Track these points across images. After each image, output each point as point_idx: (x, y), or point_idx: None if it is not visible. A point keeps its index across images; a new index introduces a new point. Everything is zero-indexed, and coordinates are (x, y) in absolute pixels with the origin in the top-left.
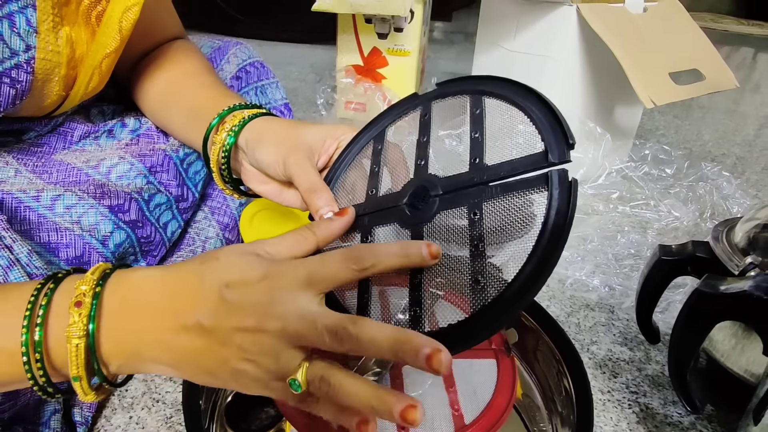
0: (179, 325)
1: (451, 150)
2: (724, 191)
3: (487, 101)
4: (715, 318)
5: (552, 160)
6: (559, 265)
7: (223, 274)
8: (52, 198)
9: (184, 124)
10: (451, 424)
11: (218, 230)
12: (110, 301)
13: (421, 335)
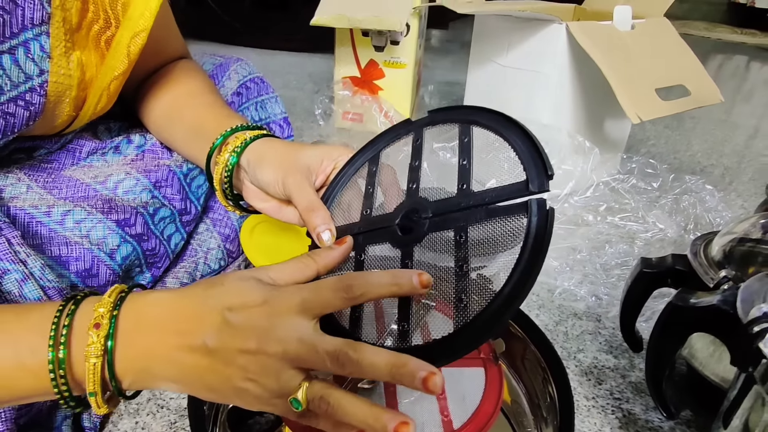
0: (186, 344)
1: (441, 177)
2: (707, 204)
3: (474, 130)
4: (687, 330)
5: (532, 189)
6: (549, 275)
7: (225, 298)
8: (62, 213)
9: (187, 141)
10: (440, 429)
11: (219, 241)
12: (125, 323)
13: (416, 360)
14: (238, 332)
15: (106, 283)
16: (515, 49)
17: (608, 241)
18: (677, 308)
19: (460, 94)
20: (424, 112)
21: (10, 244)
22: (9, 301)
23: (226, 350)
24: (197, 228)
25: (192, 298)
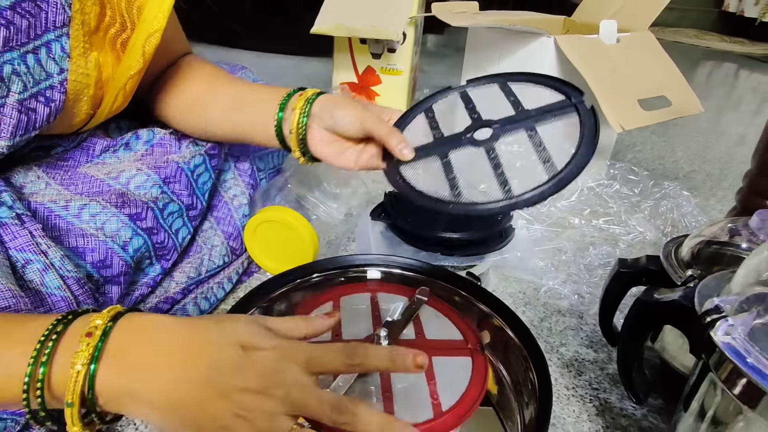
0: (185, 374)
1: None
2: (683, 209)
3: (509, 84)
4: (652, 323)
5: (574, 101)
6: (535, 274)
7: (238, 334)
8: (79, 207)
9: (230, 115)
10: (430, 411)
11: (223, 239)
12: (118, 338)
13: (402, 422)
14: (245, 369)
15: (119, 274)
16: (506, 60)
17: (592, 243)
18: (644, 303)
19: (454, 81)
20: None
21: (33, 236)
22: (31, 290)
23: (226, 384)
24: (202, 226)
25: (201, 329)
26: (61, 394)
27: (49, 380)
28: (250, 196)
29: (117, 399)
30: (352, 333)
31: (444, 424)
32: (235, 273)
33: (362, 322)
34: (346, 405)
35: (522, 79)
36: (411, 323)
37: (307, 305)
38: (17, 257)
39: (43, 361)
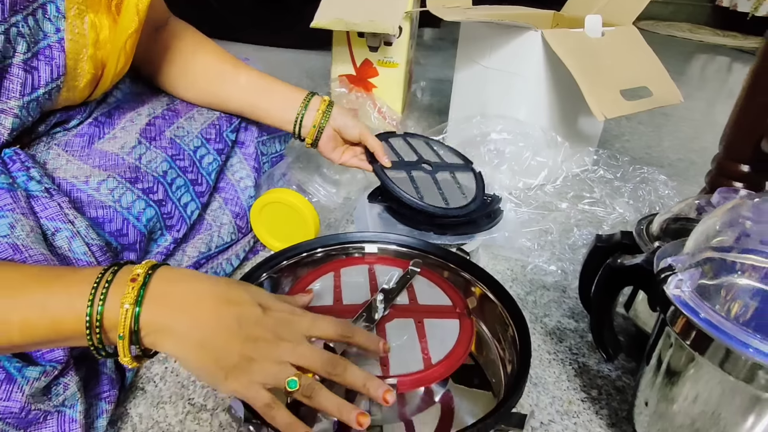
0: (215, 317)
1: None
2: (660, 192)
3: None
4: (619, 284)
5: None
6: (521, 252)
7: (258, 295)
8: (98, 182)
9: (251, 99)
10: (421, 364)
11: (231, 218)
12: (157, 284)
13: (380, 381)
14: (263, 323)
15: (135, 242)
16: (496, 52)
17: (577, 225)
18: (611, 267)
19: (449, 92)
20: (416, 107)
21: (61, 207)
22: (60, 255)
23: (248, 332)
24: (210, 205)
25: (230, 286)
26: (111, 329)
27: (104, 318)
28: (255, 179)
29: (155, 333)
30: (351, 298)
31: (433, 374)
32: (242, 250)
33: (361, 289)
34: (339, 361)
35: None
36: (405, 291)
37: (310, 276)
38: (48, 226)
39: (100, 301)
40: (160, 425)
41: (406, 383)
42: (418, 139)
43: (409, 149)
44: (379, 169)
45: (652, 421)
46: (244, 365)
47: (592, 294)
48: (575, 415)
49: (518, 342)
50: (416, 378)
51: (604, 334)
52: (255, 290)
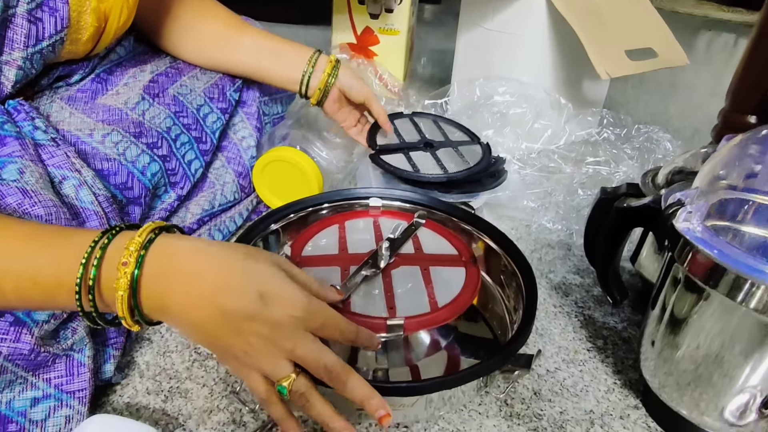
0: (209, 300)
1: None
2: (665, 150)
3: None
4: (627, 227)
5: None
6: (525, 212)
7: (261, 279)
8: (102, 135)
9: (258, 60)
10: (428, 307)
11: (234, 177)
12: (151, 263)
13: (381, 399)
14: (260, 319)
15: (140, 196)
16: (500, 14)
17: (581, 186)
18: (618, 210)
19: (450, 61)
20: (417, 77)
21: (68, 156)
22: (67, 204)
23: (241, 326)
24: (213, 164)
25: (229, 261)
26: (109, 298)
27: (99, 290)
28: (257, 139)
29: (153, 309)
30: (356, 248)
31: (440, 316)
32: (246, 209)
33: (365, 240)
34: (339, 372)
35: (446, 122)
36: (410, 241)
37: (314, 228)
38: (55, 174)
39: (94, 265)
40: (167, 372)
41: (413, 324)
42: (426, 118)
43: (414, 130)
44: (376, 157)
45: (657, 365)
46: (239, 355)
47: (599, 238)
48: (581, 363)
49: (524, 286)
50: (423, 319)
51: (610, 278)
52: (262, 271)
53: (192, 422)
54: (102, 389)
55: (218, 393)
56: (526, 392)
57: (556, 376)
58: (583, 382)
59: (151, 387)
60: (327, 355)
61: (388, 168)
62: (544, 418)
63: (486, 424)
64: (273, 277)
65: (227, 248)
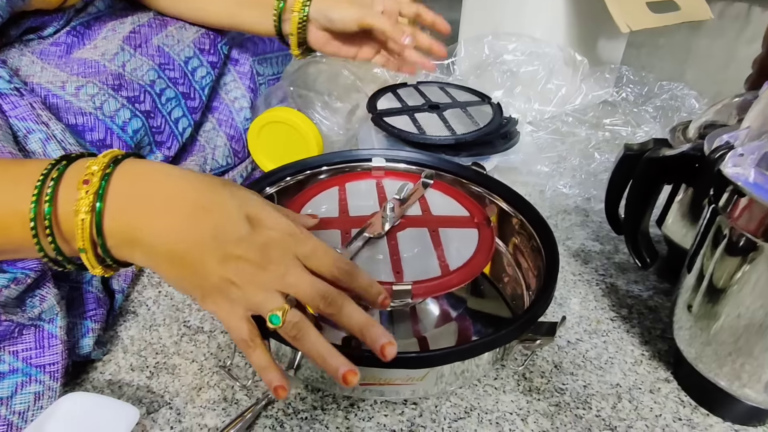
0: (189, 228)
1: None
2: (690, 107)
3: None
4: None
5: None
6: (539, 177)
7: (248, 203)
8: (75, 87)
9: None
10: (438, 270)
11: (225, 140)
12: (119, 185)
13: (381, 328)
14: (248, 242)
15: None
16: None
17: (597, 149)
18: (651, 160)
19: (456, 31)
20: None
21: (32, 107)
22: None
23: (227, 251)
24: (204, 126)
25: (214, 188)
26: (71, 239)
27: (57, 223)
28: (251, 100)
29: (122, 245)
30: (358, 211)
31: (452, 280)
32: (239, 176)
33: (368, 202)
34: (335, 297)
35: (454, 87)
36: (418, 203)
37: (312, 190)
38: (18, 126)
39: (46, 200)
40: (153, 346)
41: (422, 289)
42: (431, 86)
43: (418, 96)
44: (379, 119)
45: (693, 334)
46: (223, 287)
47: (628, 192)
48: (604, 333)
49: (543, 248)
50: (434, 284)
51: (640, 239)
52: (245, 196)
53: (179, 400)
54: (81, 366)
55: (208, 369)
56: (545, 365)
57: (577, 347)
58: (607, 354)
59: (136, 363)
60: (319, 281)
61: (391, 130)
62: (566, 393)
63: (503, 400)
64: (257, 201)
65: (203, 174)
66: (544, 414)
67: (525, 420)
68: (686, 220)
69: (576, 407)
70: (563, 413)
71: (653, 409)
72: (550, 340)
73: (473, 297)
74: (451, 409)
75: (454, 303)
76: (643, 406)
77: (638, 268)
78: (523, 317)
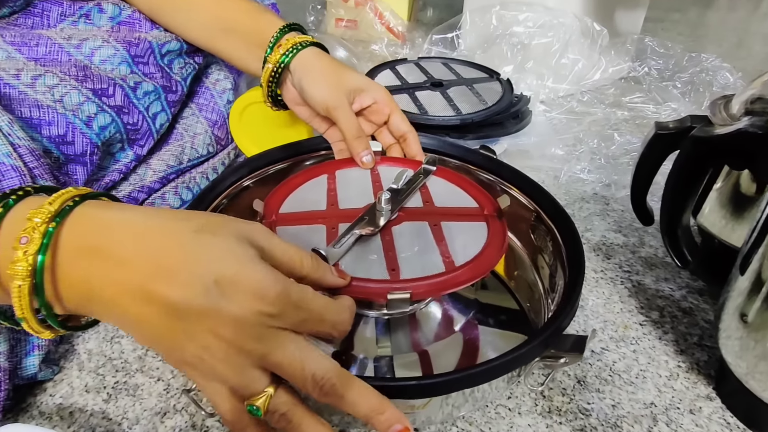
0: (145, 293)
1: None
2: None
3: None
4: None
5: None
6: (553, 161)
7: (217, 263)
8: (32, 77)
9: (213, 36)
10: (442, 266)
11: (207, 127)
12: (66, 244)
13: (394, 410)
14: (215, 315)
15: (84, 153)
16: None
17: (617, 130)
18: (699, 140)
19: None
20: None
21: None
22: None
23: (193, 323)
24: (182, 112)
25: (173, 238)
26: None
27: None
28: (234, 81)
29: (80, 305)
30: (349, 203)
31: (459, 277)
32: (221, 164)
33: (361, 192)
34: (334, 386)
35: (459, 62)
36: (418, 192)
37: (297, 179)
38: None
39: None
40: (113, 363)
41: (422, 288)
42: (434, 61)
43: (420, 72)
44: None
45: (745, 345)
46: (194, 362)
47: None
48: (633, 341)
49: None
50: (437, 282)
51: (680, 233)
52: (223, 252)
53: (139, 429)
54: (28, 388)
55: (176, 389)
56: (567, 381)
57: (603, 358)
58: (638, 366)
59: (92, 383)
60: (314, 360)
61: None
62: (592, 415)
63: (518, 424)
64: (234, 256)
65: (175, 219)
66: None
67: None
68: (728, 210)
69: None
70: None
71: None
72: (578, 358)
73: (482, 301)
74: None
75: (461, 308)
76: (683, 430)
77: (667, 264)
78: (545, 331)
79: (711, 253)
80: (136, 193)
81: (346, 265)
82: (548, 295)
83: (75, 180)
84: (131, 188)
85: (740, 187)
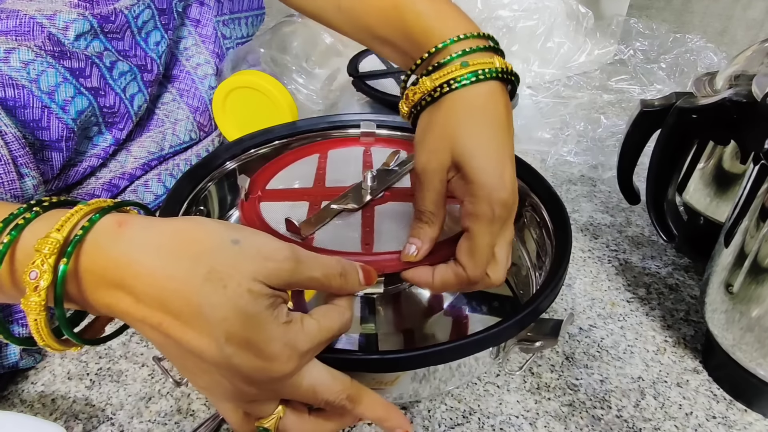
0: (162, 331)
1: None
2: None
3: None
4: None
5: None
6: (540, 144)
7: (226, 323)
8: (5, 51)
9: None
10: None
11: (188, 113)
12: (86, 273)
13: (400, 415)
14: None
15: (60, 139)
16: None
17: (603, 113)
18: (684, 111)
19: None
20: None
21: None
22: None
23: (206, 364)
24: (162, 98)
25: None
26: None
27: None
28: (216, 66)
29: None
30: (337, 181)
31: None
32: (205, 150)
33: (351, 172)
34: (344, 407)
35: None
36: (409, 175)
37: (287, 158)
38: None
39: None
40: (96, 349)
41: (391, 262)
42: None
43: None
44: (360, 82)
45: (730, 318)
46: (210, 390)
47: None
48: (621, 318)
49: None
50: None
51: (666, 208)
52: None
53: (123, 414)
54: (10, 377)
55: (161, 375)
56: (555, 357)
57: (591, 335)
58: (625, 342)
59: (75, 370)
60: (325, 387)
61: (375, 94)
62: (580, 390)
63: (507, 401)
64: (243, 317)
65: (190, 256)
66: (555, 416)
67: (534, 424)
68: (712, 187)
69: (593, 407)
70: (578, 414)
71: (682, 406)
72: (553, 342)
73: None
74: (447, 413)
75: None
76: (671, 403)
77: (653, 242)
78: (518, 314)
79: (696, 230)
80: (117, 180)
81: (322, 238)
82: (535, 270)
83: (51, 167)
84: (112, 175)
85: (723, 164)
